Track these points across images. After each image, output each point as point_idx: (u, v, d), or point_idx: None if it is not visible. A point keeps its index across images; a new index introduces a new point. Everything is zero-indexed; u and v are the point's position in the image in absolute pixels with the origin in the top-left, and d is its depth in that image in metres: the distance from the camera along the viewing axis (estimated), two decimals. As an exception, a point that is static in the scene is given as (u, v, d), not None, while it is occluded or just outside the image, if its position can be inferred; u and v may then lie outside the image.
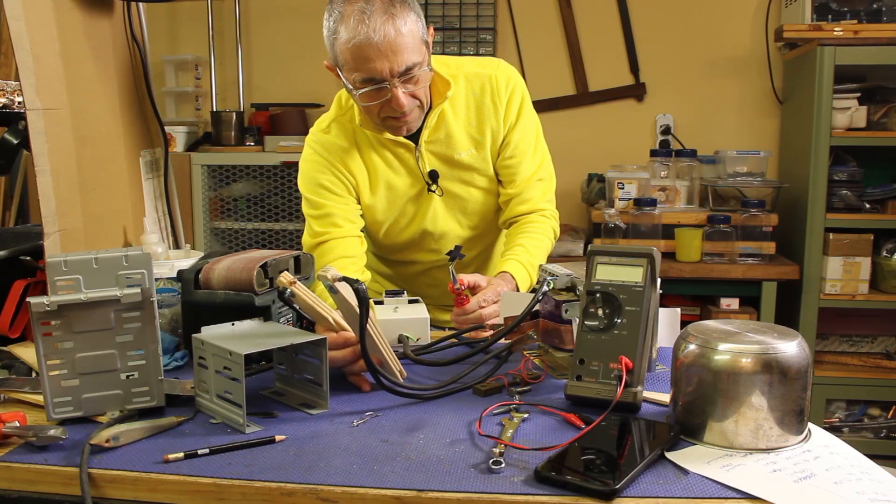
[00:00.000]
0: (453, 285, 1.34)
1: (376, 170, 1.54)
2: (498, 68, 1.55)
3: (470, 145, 1.54)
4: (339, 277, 1.02)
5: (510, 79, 1.55)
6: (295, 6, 3.40)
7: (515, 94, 1.55)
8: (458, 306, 1.36)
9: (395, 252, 1.66)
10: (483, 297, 1.36)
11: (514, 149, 1.56)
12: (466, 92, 1.53)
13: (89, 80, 1.61)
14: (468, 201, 1.59)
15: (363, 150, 1.54)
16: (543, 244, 1.58)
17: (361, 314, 1.00)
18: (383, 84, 1.35)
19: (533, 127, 1.60)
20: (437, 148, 1.53)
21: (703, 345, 0.89)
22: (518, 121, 1.56)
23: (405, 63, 1.33)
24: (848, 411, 2.86)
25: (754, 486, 0.78)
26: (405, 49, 1.32)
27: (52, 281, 0.97)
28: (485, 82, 1.53)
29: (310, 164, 1.54)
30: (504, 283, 1.43)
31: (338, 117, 1.56)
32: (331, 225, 1.51)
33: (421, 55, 1.36)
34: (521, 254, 1.52)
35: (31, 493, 0.87)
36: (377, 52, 1.31)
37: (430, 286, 1.66)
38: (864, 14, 2.74)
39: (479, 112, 1.53)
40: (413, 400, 1.06)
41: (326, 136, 1.54)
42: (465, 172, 1.56)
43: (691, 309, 2.82)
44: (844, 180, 2.75)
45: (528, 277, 1.49)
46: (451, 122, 1.52)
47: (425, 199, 1.57)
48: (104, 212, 1.63)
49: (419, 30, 1.36)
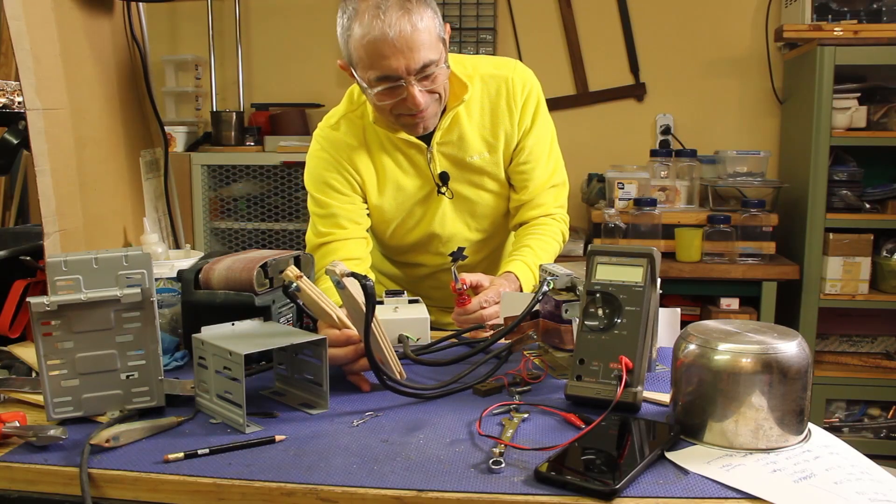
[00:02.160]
0: (455, 285, 1.34)
1: (385, 170, 1.51)
2: (515, 70, 1.52)
3: (483, 148, 1.52)
4: (347, 273, 1.02)
5: (526, 82, 1.52)
6: (295, 6, 3.40)
7: (531, 98, 1.52)
8: (460, 306, 1.35)
9: (401, 254, 1.65)
10: (485, 297, 1.36)
11: (529, 154, 1.54)
12: (482, 93, 1.51)
13: (89, 80, 1.61)
14: (478, 204, 1.57)
15: (372, 149, 1.51)
16: (551, 246, 1.56)
17: (368, 310, 1.00)
18: (399, 82, 1.32)
19: (548, 132, 1.58)
20: (449, 150, 1.51)
21: (703, 345, 0.89)
22: (533, 126, 1.53)
23: (422, 60, 1.30)
24: (848, 411, 2.86)
25: (754, 486, 0.78)
26: (422, 46, 1.29)
27: (52, 281, 0.97)
28: (500, 85, 1.50)
29: (316, 160, 1.52)
30: (507, 283, 1.43)
31: (348, 113, 1.52)
32: (335, 226, 1.50)
33: (438, 52, 1.33)
34: (527, 255, 1.51)
35: (31, 493, 0.87)
36: (393, 49, 1.28)
37: (435, 288, 1.65)
38: (864, 14, 2.74)
39: (494, 115, 1.51)
40: (413, 400, 1.06)
41: (335, 132, 1.51)
42: (475, 175, 1.54)
43: (691, 309, 2.82)
44: (844, 180, 2.75)
45: (533, 278, 1.48)
46: (465, 123, 1.50)
47: (434, 201, 1.55)
48: (104, 212, 1.63)
49: (436, 27, 1.33)
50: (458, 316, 1.36)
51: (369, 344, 1.01)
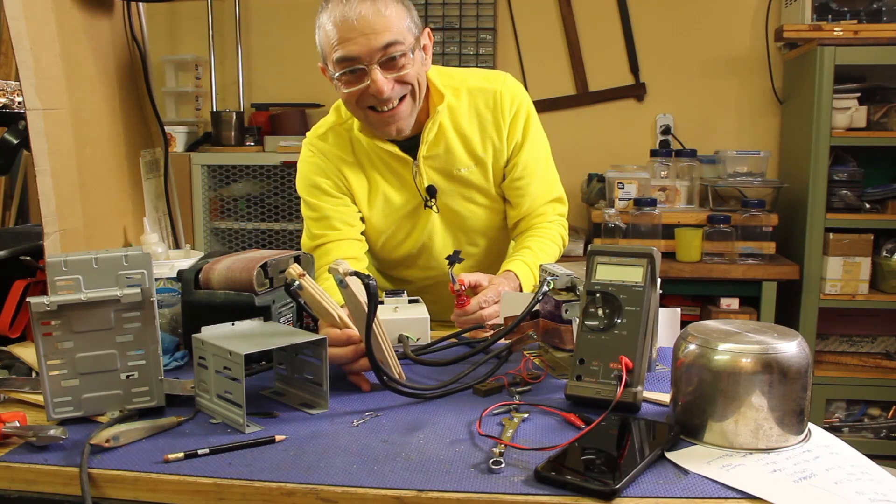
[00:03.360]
0: (453, 286, 1.34)
1: (373, 182, 1.52)
2: (504, 84, 1.51)
3: (469, 161, 1.51)
4: (350, 272, 1.02)
5: (515, 96, 1.51)
6: (295, 6, 3.40)
7: (521, 112, 1.51)
8: (459, 307, 1.35)
9: (392, 268, 1.65)
10: (484, 297, 1.35)
11: (523, 170, 1.53)
12: (469, 106, 1.50)
13: (89, 80, 1.61)
14: (468, 218, 1.56)
15: (360, 162, 1.52)
16: (550, 248, 1.56)
17: (370, 310, 1.00)
18: (361, 66, 1.32)
19: (542, 147, 1.57)
20: (437, 163, 1.50)
21: (703, 345, 0.89)
22: (525, 141, 1.52)
23: (383, 41, 1.30)
24: (848, 411, 2.86)
25: (754, 486, 0.78)
26: (384, 30, 1.30)
27: (52, 281, 0.97)
28: (488, 98, 1.49)
29: (307, 165, 1.53)
30: (506, 283, 1.42)
31: (335, 126, 1.53)
32: (328, 228, 1.50)
33: (405, 40, 1.33)
34: (527, 255, 1.51)
35: (31, 493, 0.87)
36: (353, 31, 1.29)
37: (431, 302, 1.63)
38: (864, 14, 2.74)
39: (483, 128, 1.50)
40: (413, 400, 1.06)
41: (323, 143, 1.53)
42: (465, 189, 1.53)
43: (691, 309, 2.82)
44: (844, 180, 2.75)
45: (533, 278, 1.47)
46: (451, 136, 1.49)
47: (423, 215, 1.54)
48: (104, 212, 1.63)
49: (404, 17, 1.34)
50: (457, 317, 1.35)
51: (370, 344, 1.01)
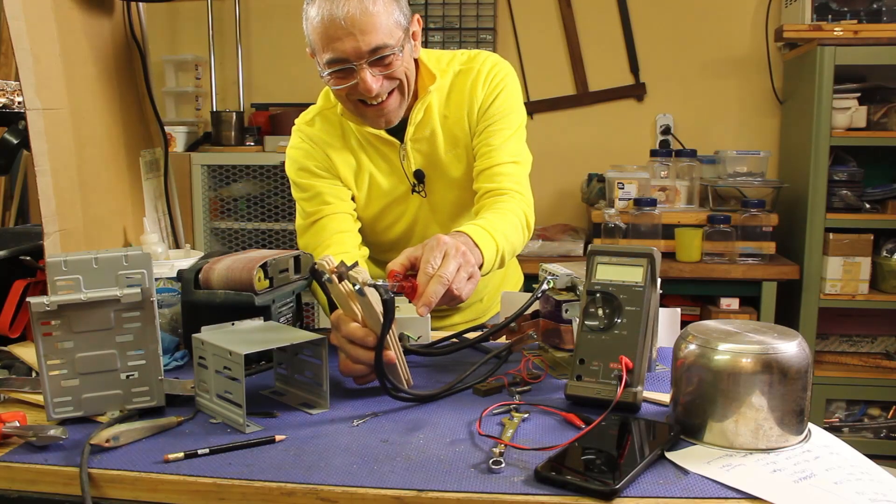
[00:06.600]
0: (392, 285, 1.08)
1: (361, 166, 1.50)
2: (486, 60, 1.49)
3: (454, 144, 1.49)
4: (369, 283, 1.02)
5: (494, 66, 1.48)
6: (295, 6, 3.37)
7: (498, 77, 1.47)
8: (414, 298, 1.10)
9: (382, 252, 1.62)
10: (427, 265, 1.10)
11: (491, 118, 1.46)
12: (453, 88, 1.48)
13: (89, 80, 1.61)
14: (454, 204, 1.53)
15: (349, 146, 1.50)
16: (511, 220, 1.38)
17: (385, 324, 1.00)
18: (350, 65, 1.30)
19: (517, 111, 1.50)
20: (424, 147, 1.48)
21: (703, 345, 0.89)
22: (498, 97, 1.47)
23: (372, 43, 1.28)
24: (848, 411, 2.86)
25: (754, 486, 0.78)
26: (372, 29, 1.27)
27: (52, 281, 0.97)
28: (470, 76, 1.47)
29: (296, 150, 1.52)
30: (447, 238, 1.16)
31: (323, 110, 1.52)
32: (321, 203, 1.48)
33: (394, 39, 1.30)
34: (483, 221, 1.32)
35: (31, 493, 0.87)
36: (342, 31, 1.27)
37: None
38: (864, 14, 2.74)
39: (468, 110, 1.47)
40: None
41: (310, 128, 1.51)
42: (452, 174, 1.50)
43: (691, 309, 2.83)
44: (844, 180, 2.76)
45: (491, 240, 1.27)
46: (437, 118, 1.47)
47: (411, 200, 1.52)
48: (104, 212, 1.63)
49: (394, 13, 1.31)
50: (421, 307, 1.09)
51: (381, 356, 1.02)
